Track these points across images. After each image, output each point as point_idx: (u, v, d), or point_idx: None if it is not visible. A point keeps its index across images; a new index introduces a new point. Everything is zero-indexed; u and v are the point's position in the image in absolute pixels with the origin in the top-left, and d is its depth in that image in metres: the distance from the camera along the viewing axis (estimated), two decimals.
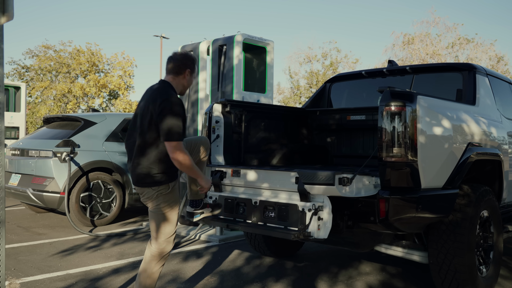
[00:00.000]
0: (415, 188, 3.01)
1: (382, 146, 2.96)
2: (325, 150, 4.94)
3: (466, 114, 3.57)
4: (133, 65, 26.64)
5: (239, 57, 6.00)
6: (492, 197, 3.68)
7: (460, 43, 19.94)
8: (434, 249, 3.40)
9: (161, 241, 2.97)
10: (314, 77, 22.16)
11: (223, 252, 4.98)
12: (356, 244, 3.58)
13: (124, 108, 25.88)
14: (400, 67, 4.64)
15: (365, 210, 3.05)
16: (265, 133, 4.48)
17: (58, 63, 24.56)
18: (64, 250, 5.03)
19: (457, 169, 3.29)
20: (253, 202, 3.28)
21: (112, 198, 6.53)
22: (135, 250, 5.05)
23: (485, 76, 4.28)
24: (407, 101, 2.96)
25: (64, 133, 6.53)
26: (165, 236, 2.97)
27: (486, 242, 3.73)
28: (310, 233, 2.92)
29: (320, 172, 2.73)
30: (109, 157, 6.51)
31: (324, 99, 5.16)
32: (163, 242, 2.97)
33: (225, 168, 3.56)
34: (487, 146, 3.73)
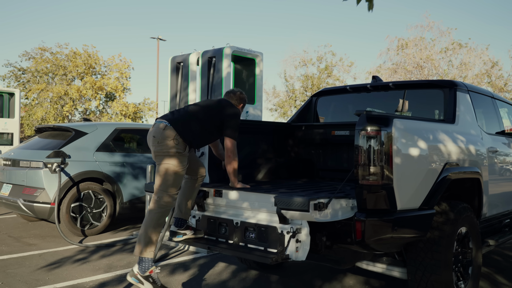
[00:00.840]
0: (391, 210, 3.07)
1: (358, 169, 3.03)
2: (311, 164, 5.00)
3: (444, 134, 3.64)
4: (130, 67, 26.61)
5: (227, 69, 6.07)
6: (470, 214, 3.75)
7: (454, 48, 20.04)
8: (412, 266, 3.47)
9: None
10: (309, 80, 22.23)
11: (210, 264, 5.04)
12: (337, 261, 3.65)
13: (121, 110, 25.92)
14: (383, 83, 4.71)
15: (342, 231, 3.11)
16: (251, 149, 4.54)
17: (54, 65, 24.58)
18: (53, 263, 5.08)
19: (433, 189, 3.36)
20: (235, 223, 3.34)
21: (103, 208, 6.59)
22: (123, 262, 5.11)
23: (466, 92, 4.35)
24: (382, 125, 3.02)
25: (55, 143, 6.59)
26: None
27: (465, 258, 3.80)
28: (289, 255, 2.99)
29: (296, 198, 2.79)
30: (100, 167, 6.57)
31: (310, 113, 5.23)
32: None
33: (207, 188, 3.62)
34: (466, 164, 3.80)
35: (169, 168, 3.48)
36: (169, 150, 3.49)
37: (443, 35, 20.55)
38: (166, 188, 3.50)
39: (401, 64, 20.78)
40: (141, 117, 27.68)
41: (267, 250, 3.13)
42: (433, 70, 20.52)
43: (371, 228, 3.01)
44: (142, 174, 6.96)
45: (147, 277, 3.44)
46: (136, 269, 3.48)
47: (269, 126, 4.88)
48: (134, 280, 3.46)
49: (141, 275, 3.44)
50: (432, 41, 20.77)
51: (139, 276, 3.44)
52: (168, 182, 3.49)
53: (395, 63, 21.03)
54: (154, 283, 3.43)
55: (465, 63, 19.85)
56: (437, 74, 20.51)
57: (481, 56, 19.75)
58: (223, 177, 4.17)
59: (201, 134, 3.65)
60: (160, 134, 3.52)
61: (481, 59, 19.75)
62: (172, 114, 3.72)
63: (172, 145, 3.48)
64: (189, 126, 3.58)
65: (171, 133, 3.50)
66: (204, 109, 3.75)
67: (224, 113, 3.70)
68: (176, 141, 3.50)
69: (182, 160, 3.53)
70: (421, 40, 20.68)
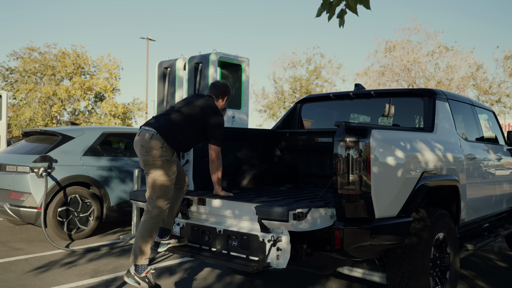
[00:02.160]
0: (369, 218, 3.16)
1: (337, 179, 3.11)
2: (295, 170, 5.09)
3: (422, 143, 3.74)
4: (119, 68, 26.51)
5: (214, 75, 6.13)
6: (448, 220, 3.86)
7: (440, 51, 20.31)
8: (391, 272, 3.57)
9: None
10: (298, 82, 22.35)
11: (196, 269, 5.11)
12: (319, 267, 3.73)
13: (110, 110, 25.82)
14: (365, 91, 4.81)
15: (322, 239, 3.20)
16: (235, 155, 4.61)
17: (43, 65, 24.42)
18: (39, 267, 5.11)
19: (411, 197, 3.45)
20: (218, 231, 3.42)
21: (90, 211, 6.62)
22: (109, 267, 5.15)
23: (446, 101, 4.46)
24: (360, 136, 3.11)
25: (42, 147, 6.60)
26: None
27: (443, 263, 3.91)
28: (270, 263, 3.07)
29: (275, 209, 2.87)
30: (87, 172, 6.60)
31: (295, 119, 5.31)
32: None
33: (191, 196, 3.69)
34: (443, 172, 3.90)
35: (158, 179, 3.54)
36: (156, 160, 3.54)
37: (430, 38, 20.84)
38: (157, 198, 3.56)
39: (389, 67, 21.01)
40: (130, 117, 27.62)
41: (249, 258, 3.20)
42: (420, 72, 20.77)
43: (350, 236, 3.09)
44: (129, 178, 7.00)
45: (143, 277, 3.56)
46: (132, 270, 3.58)
47: (254, 133, 4.95)
48: (131, 280, 3.57)
49: (138, 276, 3.56)
50: (419, 44, 21.05)
51: (136, 277, 3.56)
52: (159, 192, 3.55)
53: (383, 65, 21.25)
54: (149, 282, 3.56)
55: (451, 66, 20.12)
56: (424, 77, 20.78)
57: (466, 59, 20.04)
58: (207, 185, 4.24)
59: (187, 139, 3.71)
60: (147, 144, 3.56)
61: (467, 62, 20.04)
62: (157, 120, 3.73)
63: (160, 154, 3.53)
64: (174, 133, 3.62)
65: (157, 143, 3.55)
66: (187, 117, 3.75)
67: (208, 122, 3.75)
68: (164, 149, 3.55)
69: (171, 167, 3.58)
70: (408, 43, 20.93)
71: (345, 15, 2.26)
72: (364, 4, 2.16)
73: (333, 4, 2.19)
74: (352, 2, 2.13)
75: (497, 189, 5.11)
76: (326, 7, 2.22)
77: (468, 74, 20.12)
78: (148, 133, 3.59)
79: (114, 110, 25.84)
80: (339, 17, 2.30)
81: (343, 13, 2.28)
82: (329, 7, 2.21)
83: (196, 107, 3.82)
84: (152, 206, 3.58)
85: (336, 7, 2.22)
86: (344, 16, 2.28)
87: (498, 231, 5.37)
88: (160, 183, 3.53)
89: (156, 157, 3.53)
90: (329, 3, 2.20)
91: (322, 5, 2.23)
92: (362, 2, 2.14)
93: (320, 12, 2.28)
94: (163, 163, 3.53)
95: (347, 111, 5.36)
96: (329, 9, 2.22)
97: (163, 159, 3.53)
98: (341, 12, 2.28)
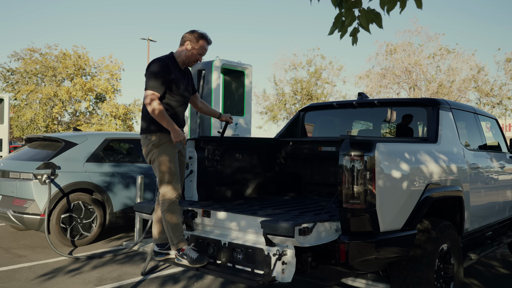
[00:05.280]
0: (374, 232, 3.17)
1: (342, 193, 3.12)
2: (298, 178, 5.09)
3: (426, 155, 3.74)
4: (121, 69, 26.52)
5: (217, 81, 6.14)
6: (452, 231, 3.87)
7: (441, 53, 20.30)
8: (395, 283, 3.58)
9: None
10: (299, 84, 22.35)
11: (199, 277, 5.11)
12: (323, 278, 3.74)
13: (111, 111, 25.83)
14: (368, 100, 4.82)
15: (327, 252, 3.21)
16: (239, 165, 4.62)
17: (44, 66, 24.45)
18: (43, 275, 5.12)
19: (415, 210, 3.46)
20: (223, 243, 3.42)
21: (93, 218, 6.63)
22: (113, 275, 5.16)
23: (449, 110, 4.46)
24: (365, 150, 3.12)
25: (45, 154, 6.61)
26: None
27: (447, 274, 3.92)
28: (275, 277, 3.08)
29: (281, 224, 2.88)
30: (90, 178, 6.61)
31: (298, 127, 5.32)
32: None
33: (196, 208, 3.70)
34: (447, 183, 3.91)
35: (156, 166, 3.64)
36: (148, 152, 3.70)
37: (431, 40, 20.82)
38: (163, 180, 3.62)
39: (390, 69, 21.00)
40: (131, 118, 27.63)
41: (254, 271, 3.21)
42: (421, 75, 20.77)
43: (355, 250, 3.10)
44: (133, 184, 7.01)
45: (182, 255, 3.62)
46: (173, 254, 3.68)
47: (258, 142, 4.96)
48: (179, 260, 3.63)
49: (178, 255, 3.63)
50: (420, 46, 21.04)
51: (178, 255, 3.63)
52: (163, 175, 3.61)
53: (384, 68, 21.25)
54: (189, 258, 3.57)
55: (453, 68, 20.10)
56: (425, 79, 20.77)
57: (468, 61, 20.03)
58: (211, 195, 4.25)
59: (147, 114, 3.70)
60: (142, 144, 3.78)
61: (468, 64, 20.04)
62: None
63: (145, 144, 3.70)
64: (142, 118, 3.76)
65: (142, 137, 3.75)
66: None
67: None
68: (148, 140, 3.68)
69: (163, 150, 3.63)
70: (409, 45, 20.92)
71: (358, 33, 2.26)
72: (377, 23, 2.15)
73: (345, 24, 2.19)
74: (364, 22, 2.12)
75: (500, 197, 5.11)
76: (338, 26, 2.22)
77: (469, 76, 20.11)
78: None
79: (115, 111, 25.85)
80: (352, 35, 2.30)
81: (356, 32, 2.28)
82: (341, 25, 2.21)
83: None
84: (162, 193, 3.64)
85: (348, 27, 2.22)
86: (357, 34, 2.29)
87: (501, 239, 5.38)
88: (159, 165, 3.62)
89: (145, 149, 3.72)
90: (341, 22, 2.20)
91: (334, 24, 2.22)
92: (374, 21, 2.14)
93: (332, 31, 2.27)
94: (152, 149, 3.65)
95: (350, 119, 5.37)
96: (341, 28, 2.22)
97: (150, 145, 3.66)
98: (354, 31, 2.28)
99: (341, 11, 2.18)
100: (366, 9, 2.14)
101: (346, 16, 2.15)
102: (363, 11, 2.13)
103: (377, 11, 2.14)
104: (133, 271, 5.31)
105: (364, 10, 2.14)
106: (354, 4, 2.12)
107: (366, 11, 2.13)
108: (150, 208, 3.82)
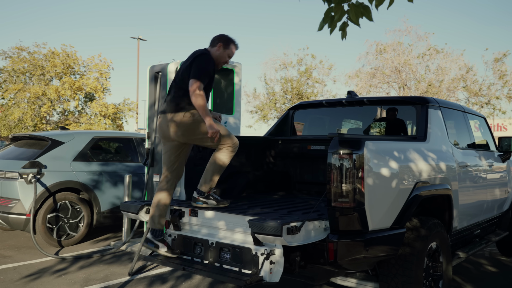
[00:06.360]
0: (363, 231, 3.14)
1: (331, 192, 3.09)
2: (287, 177, 5.06)
3: (415, 153, 3.73)
4: (110, 68, 26.29)
5: None
6: (440, 229, 3.85)
7: (430, 53, 20.42)
8: (384, 282, 3.56)
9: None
10: (289, 83, 22.35)
11: (187, 276, 5.06)
12: (312, 278, 3.71)
13: (100, 111, 25.61)
14: (358, 99, 4.80)
15: (315, 251, 3.17)
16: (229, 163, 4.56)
17: (32, 65, 24.15)
18: (28, 275, 5.03)
19: (404, 208, 3.44)
20: (210, 243, 3.38)
21: (80, 218, 6.54)
22: (100, 275, 5.09)
23: (438, 109, 4.46)
24: (354, 148, 3.09)
25: (31, 153, 6.51)
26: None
27: (436, 272, 3.91)
28: (263, 276, 3.04)
29: (269, 223, 2.84)
30: (77, 177, 6.52)
31: (287, 126, 5.29)
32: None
33: (183, 207, 3.64)
34: (436, 182, 3.90)
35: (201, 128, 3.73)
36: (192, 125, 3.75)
37: (421, 39, 20.92)
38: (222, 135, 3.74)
39: (380, 69, 21.07)
40: (121, 118, 27.40)
41: (242, 271, 3.17)
42: (410, 74, 20.87)
43: (343, 249, 3.07)
44: (121, 183, 6.93)
45: (207, 196, 3.69)
46: (196, 195, 3.72)
47: (247, 141, 4.92)
48: (199, 203, 3.68)
49: (203, 197, 3.68)
50: (410, 46, 21.14)
51: (201, 198, 3.69)
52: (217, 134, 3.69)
53: (374, 67, 21.31)
54: (215, 199, 3.69)
55: (442, 68, 20.23)
56: (415, 79, 20.87)
57: (456, 61, 20.16)
58: None
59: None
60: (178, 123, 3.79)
61: (457, 64, 20.17)
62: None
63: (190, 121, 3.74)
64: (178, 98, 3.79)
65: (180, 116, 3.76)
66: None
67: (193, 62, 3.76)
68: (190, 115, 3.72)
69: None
70: (399, 44, 21.00)
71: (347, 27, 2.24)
72: (367, 16, 2.14)
73: (335, 19, 2.17)
74: (354, 16, 2.11)
75: (488, 195, 5.13)
76: (328, 21, 2.20)
77: (458, 76, 20.25)
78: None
79: (105, 110, 25.60)
80: (341, 29, 2.28)
81: (345, 26, 2.26)
82: (331, 20, 2.19)
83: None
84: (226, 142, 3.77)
85: (338, 22, 2.20)
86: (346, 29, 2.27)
87: (489, 237, 5.40)
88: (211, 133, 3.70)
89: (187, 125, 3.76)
90: (330, 17, 2.17)
91: (324, 19, 2.20)
92: (364, 14, 2.12)
93: (322, 26, 2.26)
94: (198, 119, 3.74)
95: (339, 117, 5.35)
96: (331, 23, 2.20)
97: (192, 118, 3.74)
98: (343, 25, 2.26)
99: (330, 6, 2.16)
100: (355, 3, 2.11)
101: (335, 11, 2.12)
102: (352, 6, 2.11)
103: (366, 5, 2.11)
104: (121, 271, 5.24)
105: (353, 4, 2.12)
106: None
107: (355, 5, 2.11)
108: (136, 207, 3.76)
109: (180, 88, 3.76)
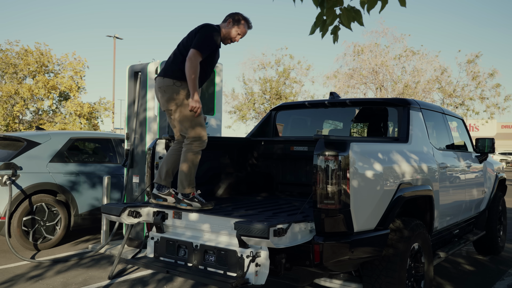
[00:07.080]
0: (348, 232, 3.15)
1: (316, 193, 3.08)
2: (270, 178, 5.05)
3: (398, 154, 3.76)
4: (85, 66, 25.80)
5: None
6: (422, 230, 3.90)
7: (407, 54, 20.78)
8: (368, 283, 3.57)
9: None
10: (268, 83, 22.38)
11: (169, 279, 4.99)
12: (296, 279, 3.70)
13: (76, 110, 25.11)
14: (340, 100, 4.82)
15: (301, 253, 3.16)
16: (211, 164, 4.53)
17: (4, 63, 23.53)
18: (3, 282, 4.88)
19: (388, 209, 3.47)
20: (194, 246, 3.33)
21: (57, 220, 6.38)
22: (79, 279, 4.97)
23: (419, 110, 4.51)
24: (339, 150, 3.09)
25: (6, 154, 6.32)
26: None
27: (418, 272, 3.95)
28: (248, 279, 3.01)
29: (255, 225, 2.81)
30: (54, 179, 6.36)
31: (269, 127, 5.27)
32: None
33: (167, 209, 3.59)
34: (418, 183, 3.95)
35: (184, 106, 3.76)
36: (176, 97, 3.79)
37: (397, 41, 21.26)
38: (195, 124, 3.78)
39: (357, 70, 21.32)
40: (96, 117, 26.93)
41: (227, 274, 3.13)
42: (387, 75, 21.18)
43: (329, 251, 3.07)
44: (99, 184, 6.79)
45: (192, 198, 3.62)
46: (180, 197, 3.65)
47: (229, 142, 4.88)
48: (183, 205, 3.61)
49: (187, 199, 3.62)
50: (387, 47, 21.46)
51: (185, 200, 3.61)
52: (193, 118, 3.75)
53: (352, 68, 21.56)
54: (200, 201, 3.62)
55: (418, 70, 20.61)
56: (392, 80, 21.18)
57: (432, 62, 20.57)
58: None
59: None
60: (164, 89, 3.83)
61: (432, 65, 20.58)
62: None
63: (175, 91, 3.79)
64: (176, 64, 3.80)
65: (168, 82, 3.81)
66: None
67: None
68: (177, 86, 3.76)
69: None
70: (376, 46, 21.29)
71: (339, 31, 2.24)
72: (358, 21, 2.14)
73: (327, 23, 2.16)
74: (346, 20, 2.11)
75: (466, 196, 5.22)
76: (320, 25, 2.20)
77: (433, 77, 20.66)
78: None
79: (80, 109, 25.12)
80: (333, 33, 2.28)
81: (337, 30, 2.26)
82: (323, 24, 2.18)
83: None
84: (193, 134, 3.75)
85: (329, 26, 2.19)
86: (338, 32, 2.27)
87: (467, 236, 5.50)
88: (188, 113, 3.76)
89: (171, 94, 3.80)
90: (322, 21, 2.17)
91: (315, 23, 2.20)
92: (355, 18, 2.12)
93: (313, 30, 2.25)
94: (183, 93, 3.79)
95: (321, 118, 5.36)
96: (323, 27, 2.20)
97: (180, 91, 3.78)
98: (334, 29, 2.26)
99: (322, 10, 2.15)
100: (347, 7, 2.11)
101: (327, 15, 2.12)
102: (344, 10, 2.11)
103: (357, 9, 2.11)
104: (100, 275, 5.13)
105: (345, 8, 2.11)
106: (336, 3, 2.09)
107: (347, 10, 2.11)
108: (118, 209, 3.68)
109: (180, 54, 3.73)
